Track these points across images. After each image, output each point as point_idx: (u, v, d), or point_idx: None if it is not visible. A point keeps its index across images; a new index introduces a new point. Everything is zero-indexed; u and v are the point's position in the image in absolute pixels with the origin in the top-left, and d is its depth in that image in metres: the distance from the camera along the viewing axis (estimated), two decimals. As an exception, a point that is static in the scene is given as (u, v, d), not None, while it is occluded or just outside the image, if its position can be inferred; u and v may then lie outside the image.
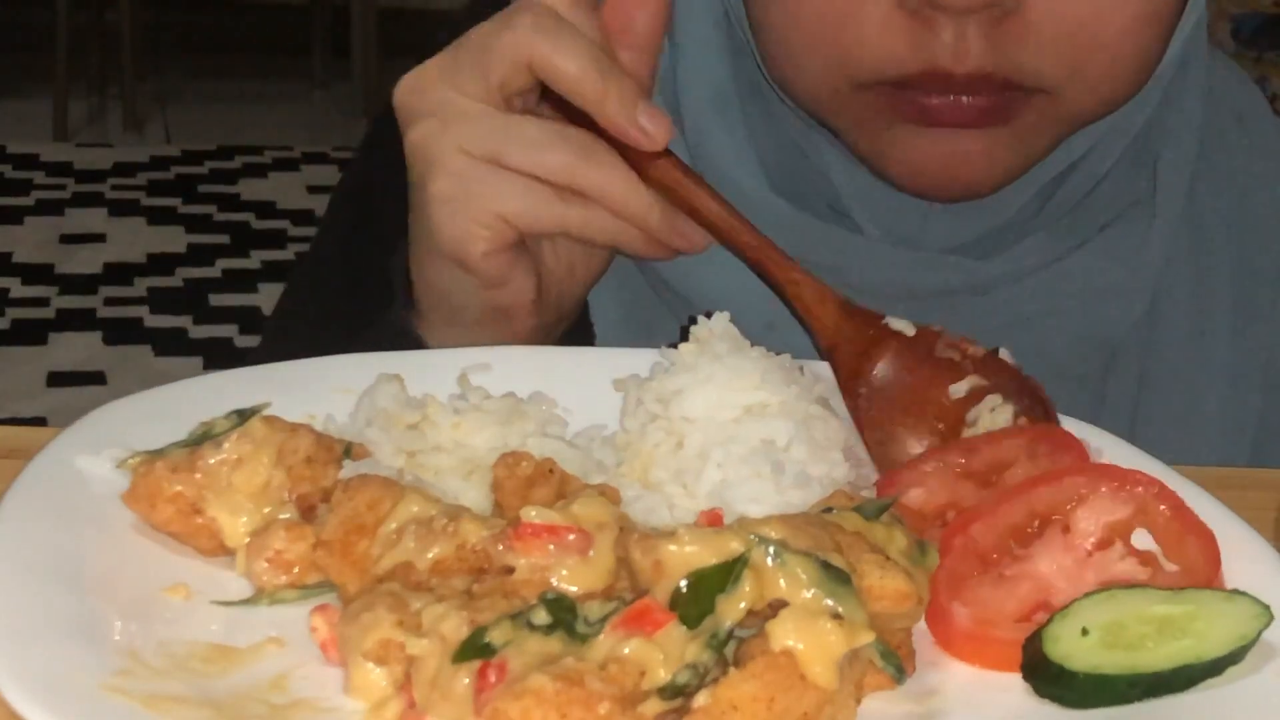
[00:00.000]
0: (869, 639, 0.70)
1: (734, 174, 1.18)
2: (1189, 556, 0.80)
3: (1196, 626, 0.73)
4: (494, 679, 0.68)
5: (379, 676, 0.71)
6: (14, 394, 4.48)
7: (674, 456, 0.88)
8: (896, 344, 0.97)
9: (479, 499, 0.86)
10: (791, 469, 0.85)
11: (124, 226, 5.78)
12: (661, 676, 0.69)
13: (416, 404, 0.90)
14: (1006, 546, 0.81)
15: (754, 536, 0.73)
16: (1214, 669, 0.73)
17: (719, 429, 0.88)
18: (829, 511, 0.81)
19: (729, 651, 0.70)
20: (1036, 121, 1.09)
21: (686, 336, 0.94)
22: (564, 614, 0.71)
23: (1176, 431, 1.24)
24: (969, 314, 1.21)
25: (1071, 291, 1.22)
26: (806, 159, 1.20)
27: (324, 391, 0.93)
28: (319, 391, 0.93)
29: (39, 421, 4.07)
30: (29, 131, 6.61)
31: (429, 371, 0.95)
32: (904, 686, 0.74)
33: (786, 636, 0.69)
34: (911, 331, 0.98)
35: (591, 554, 0.75)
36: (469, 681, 0.68)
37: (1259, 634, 0.74)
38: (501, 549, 0.75)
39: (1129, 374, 1.25)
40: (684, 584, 0.72)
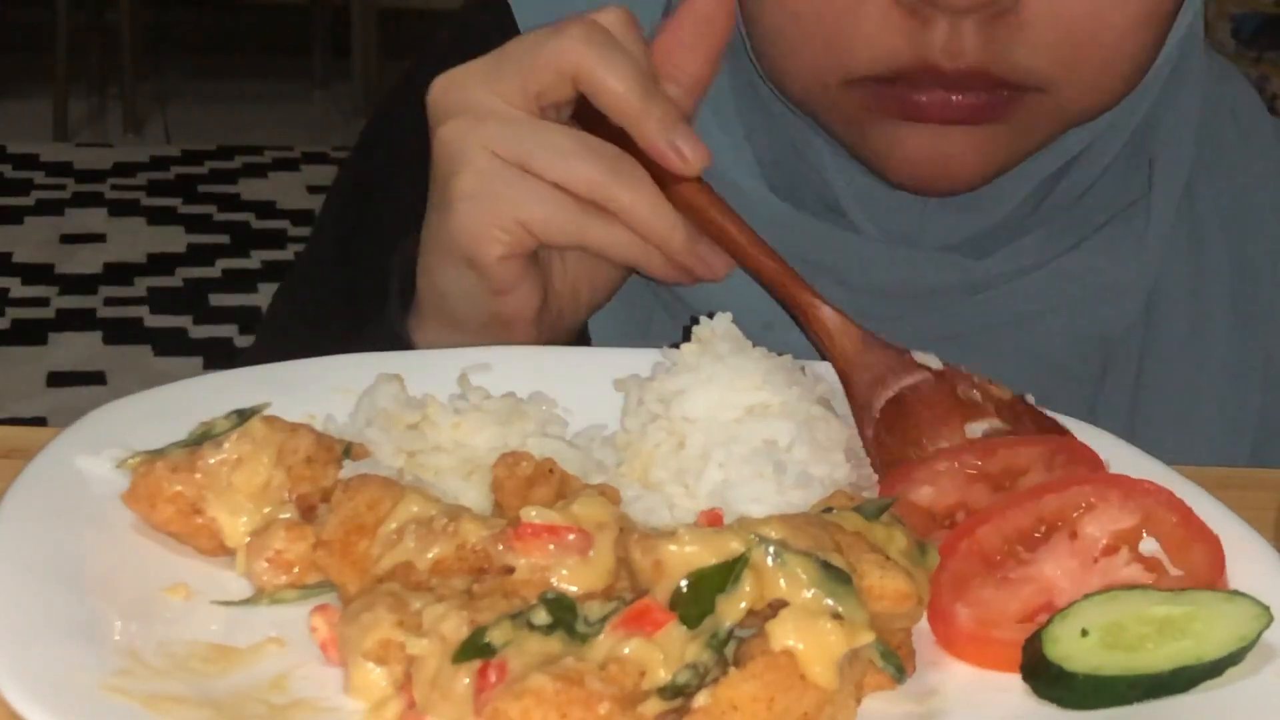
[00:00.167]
0: (869, 639, 0.70)
1: (731, 173, 1.18)
2: (1194, 563, 0.80)
3: (1196, 627, 0.73)
4: (494, 679, 0.68)
5: (379, 676, 0.71)
6: (14, 394, 4.49)
7: (675, 456, 0.88)
8: (915, 378, 0.96)
9: (479, 499, 0.86)
10: (793, 469, 0.85)
11: (124, 226, 5.78)
12: (661, 676, 0.69)
13: (416, 404, 0.90)
14: (1012, 550, 0.81)
15: (754, 536, 0.73)
16: (1213, 670, 0.73)
17: (721, 429, 0.88)
18: (829, 511, 0.81)
19: (729, 651, 0.70)
20: (1030, 119, 1.09)
21: (688, 336, 0.94)
22: (564, 614, 0.71)
23: (1175, 431, 1.24)
24: (966, 313, 1.21)
25: (1069, 290, 1.22)
26: (803, 158, 1.20)
27: (324, 391, 0.93)
28: (319, 391, 0.93)
29: (39, 421, 4.07)
30: (29, 131, 6.61)
31: (429, 371, 0.95)
32: (904, 686, 0.74)
33: (786, 636, 0.69)
34: (936, 366, 0.96)
35: (591, 554, 0.75)
36: (469, 681, 0.68)
37: (1259, 635, 0.73)
38: (501, 549, 0.75)
39: (1126, 373, 1.25)
40: (684, 584, 0.72)
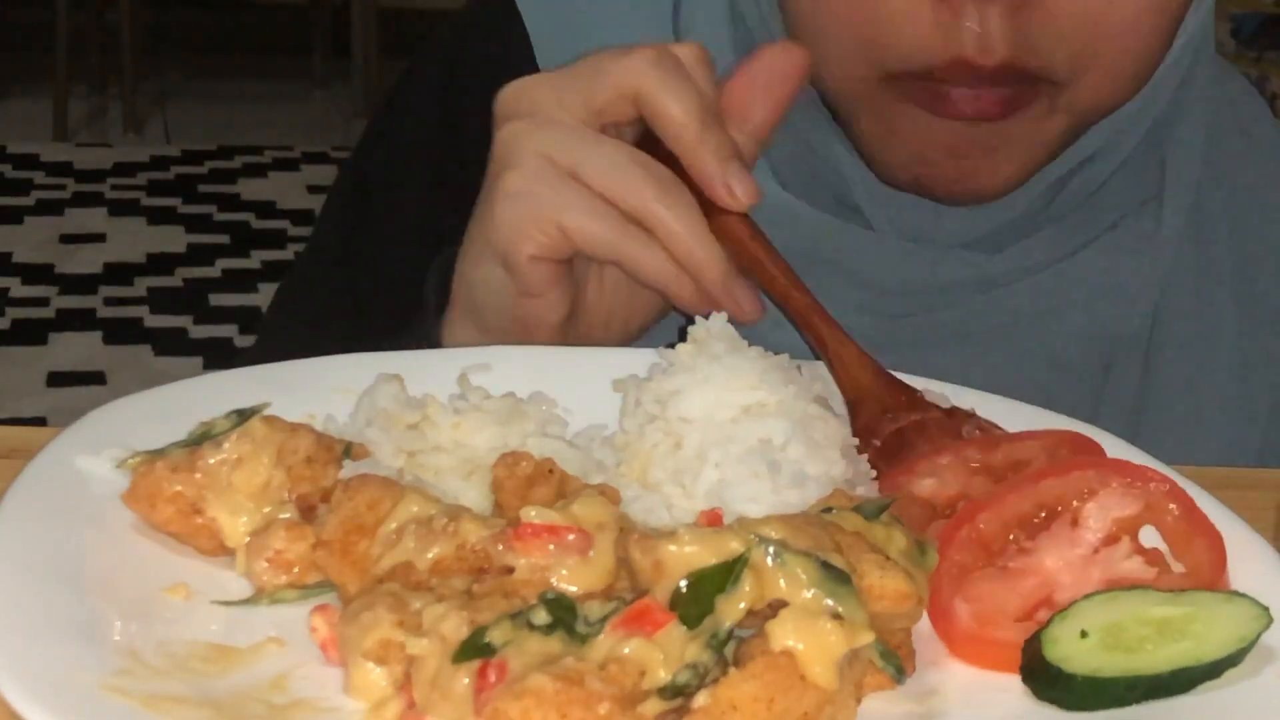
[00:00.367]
0: (869, 639, 0.70)
1: None
2: (1196, 557, 0.79)
3: (1195, 628, 0.73)
4: (494, 679, 0.68)
5: (379, 676, 0.71)
6: (14, 394, 4.49)
7: (672, 457, 0.88)
8: (919, 412, 0.95)
9: (479, 499, 0.86)
10: (788, 468, 0.85)
11: (124, 226, 5.78)
12: (661, 676, 0.69)
13: (416, 404, 0.90)
14: (1013, 537, 0.81)
15: (754, 536, 0.73)
16: (1213, 671, 0.73)
17: (717, 429, 0.87)
18: (828, 511, 0.81)
19: (729, 651, 0.70)
20: (1041, 113, 1.10)
21: (684, 337, 0.94)
22: (564, 614, 0.71)
23: (1182, 431, 1.24)
24: (977, 309, 1.21)
25: (1079, 288, 1.22)
26: (818, 155, 1.20)
27: (324, 391, 0.93)
28: (319, 391, 0.93)
29: (39, 421, 4.07)
30: (29, 131, 6.61)
31: (429, 371, 0.95)
32: (904, 686, 0.74)
33: (786, 636, 0.69)
34: (945, 405, 0.96)
35: (591, 554, 0.75)
36: (469, 681, 0.68)
37: (1258, 636, 0.73)
38: (501, 549, 0.75)
39: (1133, 372, 1.25)
40: (684, 584, 0.72)
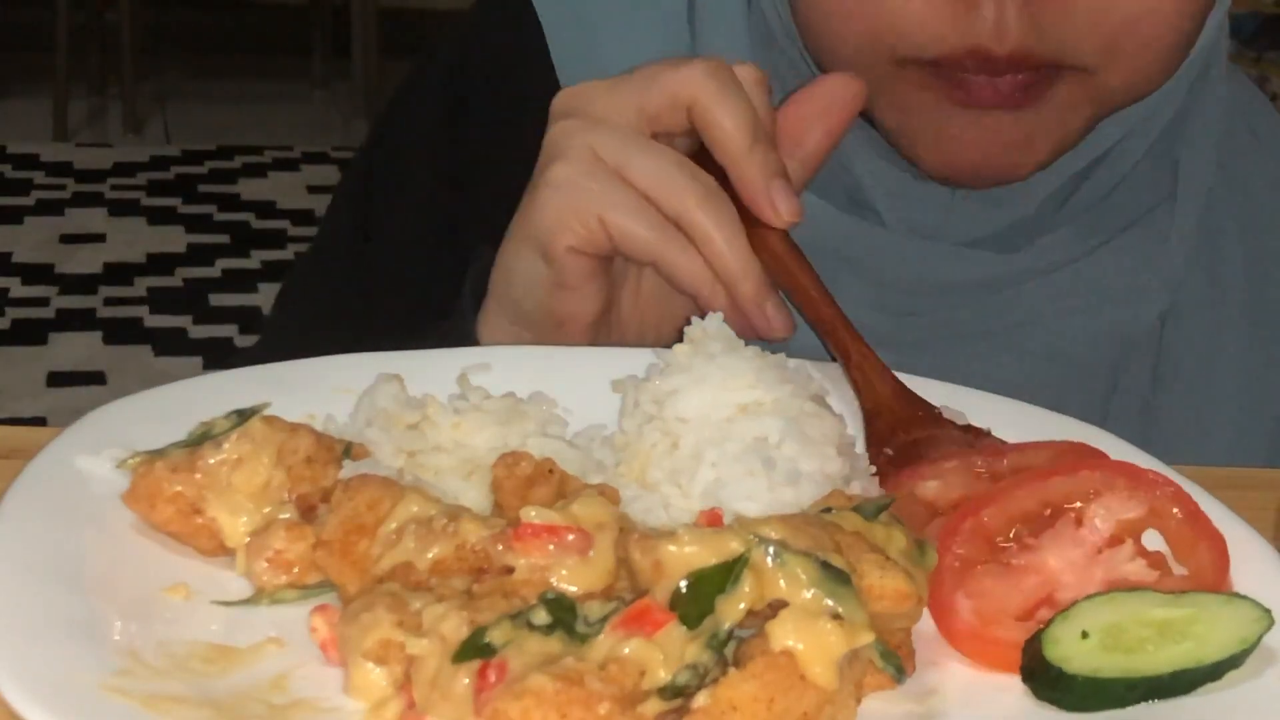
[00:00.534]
0: (869, 639, 0.70)
1: None
2: (1199, 561, 0.79)
3: (1196, 630, 0.73)
4: (494, 679, 0.68)
5: (379, 676, 0.71)
6: (14, 394, 4.49)
7: (669, 457, 0.88)
8: (935, 428, 0.95)
9: (479, 499, 0.86)
10: (783, 465, 0.85)
11: (124, 226, 5.78)
12: (661, 677, 0.69)
13: (416, 404, 0.90)
14: (1016, 533, 0.81)
15: (754, 537, 0.73)
16: (1214, 673, 0.72)
17: (713, 429, 0.87)
18: (828, 511, 0.81)
19: (729, 651, 0.70)
20: (1070, 101, 1.10)
21: (681, 337, 0.94)
22: (564, 614, 0.71)
23: (1191, 433, 1.24)
24: (989, 309, 1.21)
25: (1092, 290, 1.22)
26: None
27: (324, 391, 0.93)
28: (319, 391, 0.93)
29: (39, 421, 4.07)
30: (29, 131, 6.61)
31: (429, 371, 0.95)
32: (904, 686, 0.74)
33: (786, 636, 0.69)
34: (962, 422, 0.96)
35: (591, 554, 0.75)
36: (469, 681, 0.68)
37: (1259, 638, 0.73)
38: (501, 549, 0.75)
39: (1143, 374, 1.25)
40: (684, 584, 0.72)
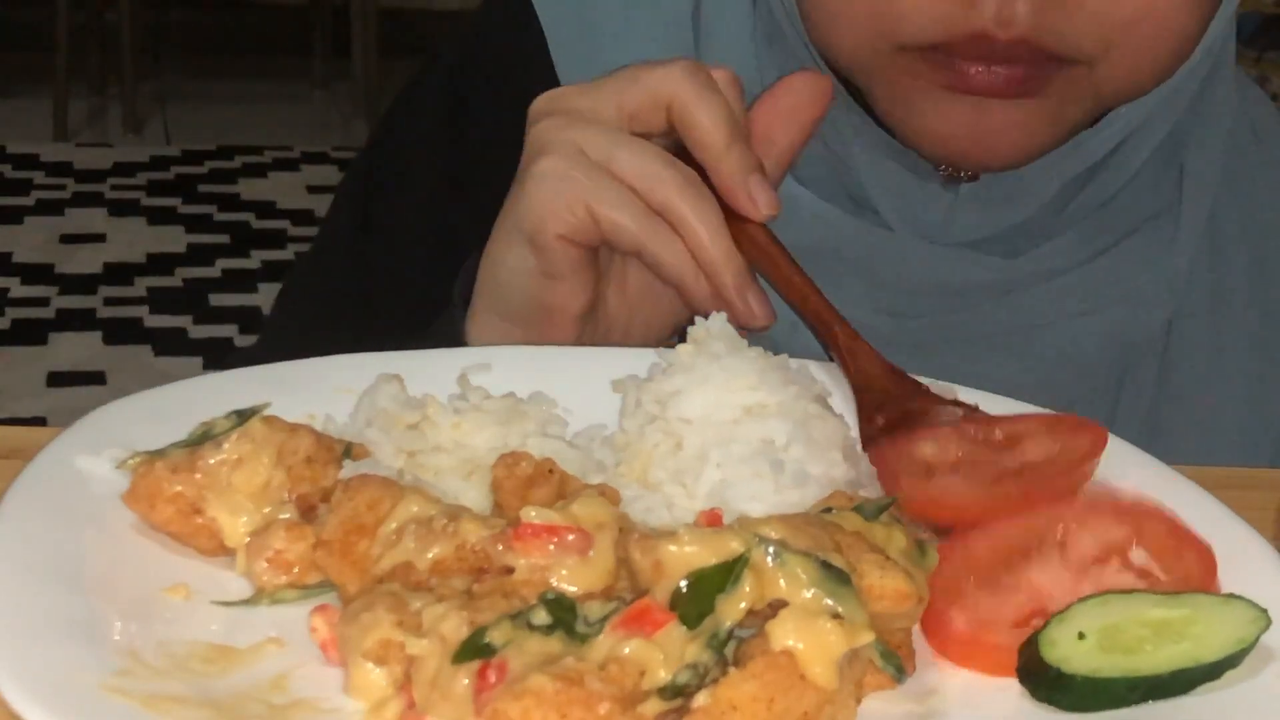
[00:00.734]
0: (869, 639, 0.70)
1: None
2: (1186, 568, 0.80)
3: (1195, 630, 0.73)
4: (494, 679, 0.68)
5: (379, 676, 0.71)
6: (14, 394, 4.48)
7: (673, 457, 0.88)
8: (925, 401, 0.96)
9: (479, 499, 0.86)
10: (790, 468, 0.85)
11: (124, 226, 5.78)
12: (661, 676, 0.69)
13: (416, 404, 0.90)
14: (1004, 561, 0.81)
15: (754, 536, 0.73)
16: (1212, 672, 0.73)
17: (717, 430, 0.88)
18: (829, 512, 0.81)
19: (729, 651, 0.70)
20: (1070, 94, 1.10)
21: (684, 337, 0.94)
22: (564, 614, 0.71)
23: (1197, 436, 1.24)
24: (994, 313, 1.21)
25: (1097, 295, 1.22)
26: (831, 151, 1.20)
27: (324, 391, 0.93)
28: (319, 391, 0.93)
29: (39, 421, 4.07)
30: (29, 131, 6.60)
31: (429, 371, 0.95)
32: (904, 686, 0.74)
33: (786, 636, 0.69)
34: (949, 393, 0.97)
35: (591, 554, 0.75)
36: (469, 682, 0.68)
37: (1257, 638, 0.73)
38: (501, 549, 0.75)
39: (1147, 378, 1.26)
40: (684, 584, 0.72)
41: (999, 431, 0.90)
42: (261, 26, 7.82)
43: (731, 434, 0.87)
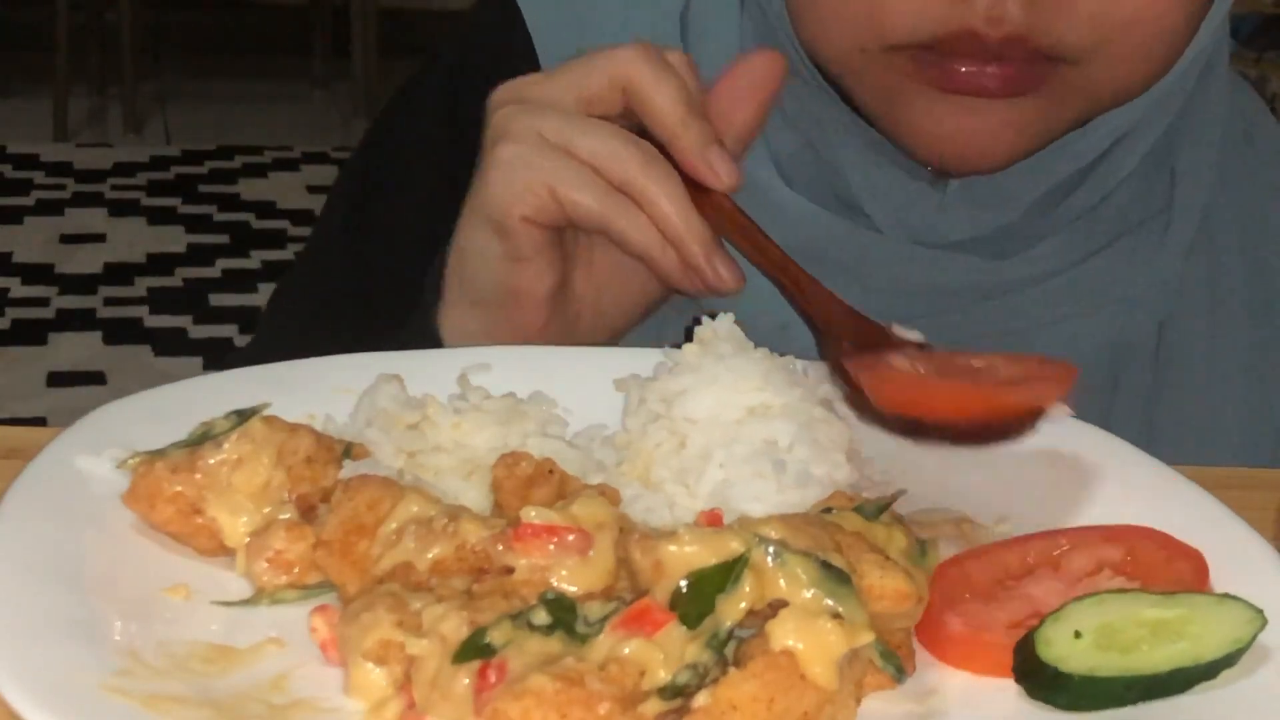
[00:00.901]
0: (869, 639, 0.70)
1: (751, 170, 1.19)
2: (1178, 574, 0.80)
3: (1192, 630, 0.74)
4: (494, 679, 0.68)
5: (379, 676, 0.71)
6: (14, 394, 4.48)
7: (676, 456, 0.88)
8: (888, 343, 0.97)
9: (479, 499, 0.86)
10: (794, 468, 0.85)
11: (124, 226, 5.78)
12: (661, 677, 0.69)
13: (416, 404, 0.90)
14: (999, 580, 0.81)
15: (754, 536, 0.73)
16: (1209, 672, 0.73)
17: (722, 430, 0.88)
18: (829, 512, 0.81)
19: (729, 651, 0.70)
20: (1060, 94, 1.10)
21: (690, 337, 0.94)
22: (564, 614, 0.71)
23: (1195, 436, 1.24)
24: (984, 315, 1.21)
25: (1088, 297, 1.22)
26: (820, 154, 1.20)
27: (324, 391, 0.93)
28: (319, 391, 0.93)
29: (39, 421, 4.07)
30: (29, 131, 6.61)
31: (429, 371, 0.95)
32: (904, 686, 0.74)
33: (786, 636, 0.69)
34: (914, 336, 0.98)
35: (591, 554, 0.75)
36: (469, 682, 0.69)
37: (1254, 637, 0.74)
38: (501, 549, 0.75)
39: (1142, 379, 1.25)
40: (684, 584, 0.72)
41: (969, 361, 0.92)
42: (261, 26, 7.82)
43: (735, 434, 0.87)
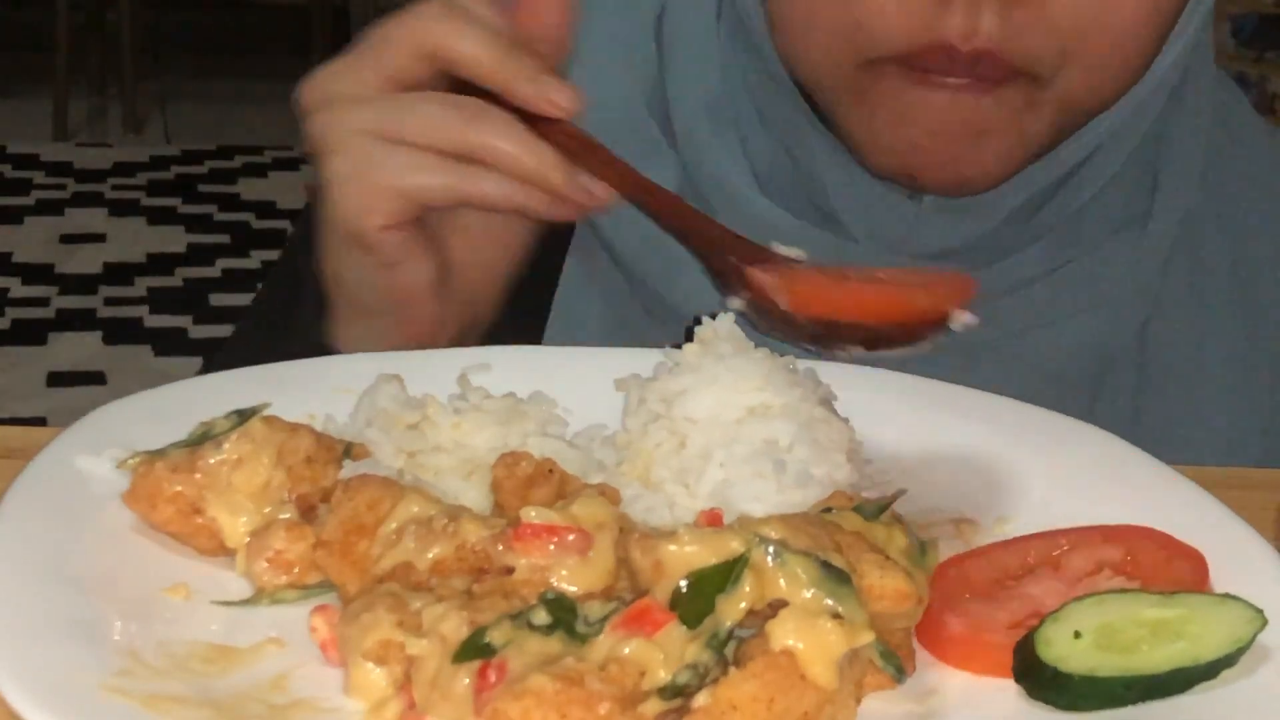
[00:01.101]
0: (869, 639, 0.70)
1: (729, 181, 1.19)
2: (1178, 573, 0.80)
3: (1191, 629, 0.74)
4: (494, 679, 0.68)
5: (379, 676, 0.71)
6: (14, 394, 4.49)
7: (676, 456, 0.88)
8: (771, 258, 1.02)
9: (479, 499, 0.86)
10: (794, 469, 0.85)
11: (124, 226, 5.79)
12: (661, 676, 0.69)
13: (416, 404, 0.90)
14: (999, 581, 0.81)
15: (754, 536, 0.73)
16: (1209, 671, 0.73)
17: (722, 430, 0.88)
18: (829, 511, 0.81)
19: (729, 651, 0.70)
20: (1027, 101, 1.10)
21: (690, 337, 0.94)
22: (564, 614, 0.71)
23: (1181, 436, 1.24)
24: None
25: (1068, 301, 1.22)
26: (798, 165, 1.20)
27: (324, 391, 0.93)
28: (319, 391, 0.93)
29: (39, 421, 4.07)
30: (29, 131, 6.61)
31: (429, 371, 0.95)
32: (904, 686, 0.74)
33: (786, 636, 0.69)
34: (795, 253, 1.03)
35: (591, 554, 0.75)
36: (469, 681, 0.69)
37: (1253, 637, 0.74)
38: (501, 549, 0.75)
39: (1125, 382, 1.25)
40: (684, 584, 0.72)
41: (868, 270, 0.98)
42: (261, 26, 7.82)
43: (735, 434, 0.87)
